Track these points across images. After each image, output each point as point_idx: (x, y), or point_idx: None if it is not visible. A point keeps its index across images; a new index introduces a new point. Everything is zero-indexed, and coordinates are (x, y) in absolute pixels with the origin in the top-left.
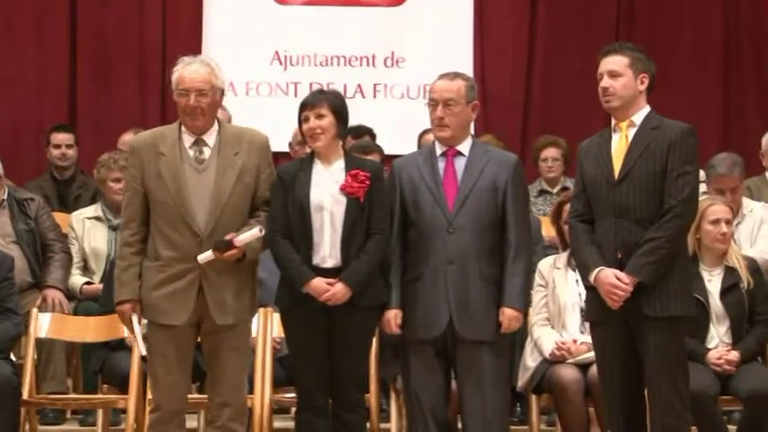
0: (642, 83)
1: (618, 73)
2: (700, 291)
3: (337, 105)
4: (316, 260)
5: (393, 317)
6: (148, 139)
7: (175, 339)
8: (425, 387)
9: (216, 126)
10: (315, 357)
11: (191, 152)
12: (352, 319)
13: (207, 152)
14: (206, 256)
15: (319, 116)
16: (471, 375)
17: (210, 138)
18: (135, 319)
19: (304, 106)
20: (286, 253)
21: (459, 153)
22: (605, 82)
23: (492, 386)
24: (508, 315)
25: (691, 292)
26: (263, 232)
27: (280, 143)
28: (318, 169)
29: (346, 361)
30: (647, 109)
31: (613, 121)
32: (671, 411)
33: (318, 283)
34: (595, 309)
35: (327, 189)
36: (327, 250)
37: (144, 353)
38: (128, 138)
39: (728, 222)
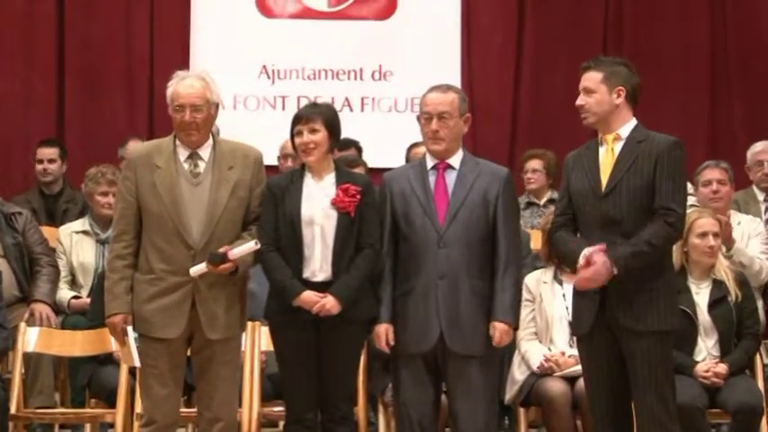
0: (618, 96)
1: (591, 89)
2: (688, 304)
3: (330, 120)
4: (306, 274)
5: (384, 332)
6: (143, 152)
7: (168, 352)
8: (415, 400)
9: (210, 140)
10: (304, 370)
11: (185, 165)
12: (342, 332)
13: (202, 166)
14: (198, 268)
15: (313, 131)
16: (462, 389)
17: (205, 152)
18: (130, 329)
19: (298, 120)
20: (276, 266)
21: (450, 166)
22: (580, 99)
23: (483, 400)
24: (499, 329)
25: (677, 306)
26: (259, 245)
27: (268, 157)
28: (309, 183)
29: (336, 374)
30: (633, 122)
31: (600, 134)
32: (658, 424)
33: (309, 295)
34: (582, 322)
35: (318, 203)
36: (318, 264)
37: (138, 364)
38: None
39: (716, 235)
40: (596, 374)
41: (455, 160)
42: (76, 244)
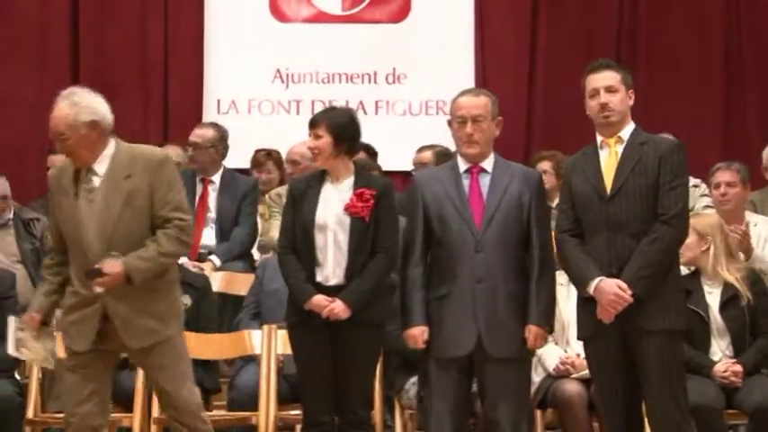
0: (630, 98)
1: (615, 88)
2: (699, 304)
3: (336, 125)
4: (319, 278)
5: (420, 333)
6: (57, 171)
7: (82, 362)
8: (449, 404)
9: (110, 150)
10: (319, 374)
11: (84, 182)
12: (357, 336)
13: (96, 181)
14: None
15: (317, 136)
16: (499, 392)
17: (101, 165)
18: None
19: (309, 124)
20: (291, 270)
21: (484, 170)
22: (605, 97)
23: (517, 402)
24: (534, 332)
25: (685, 306)
26: (119, 258)
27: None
28: (328, 187)
29: (352, 378)
30: (632, 125)
31: (599, 138)
32: (672, 424)
33: (319, 299)
34: (588, 325)
35: (333, 208)
36: (331, 269)
37: (11, 351)
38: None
39: (702, 237)
40: (606, 377)
41: (488, 163)
42: None
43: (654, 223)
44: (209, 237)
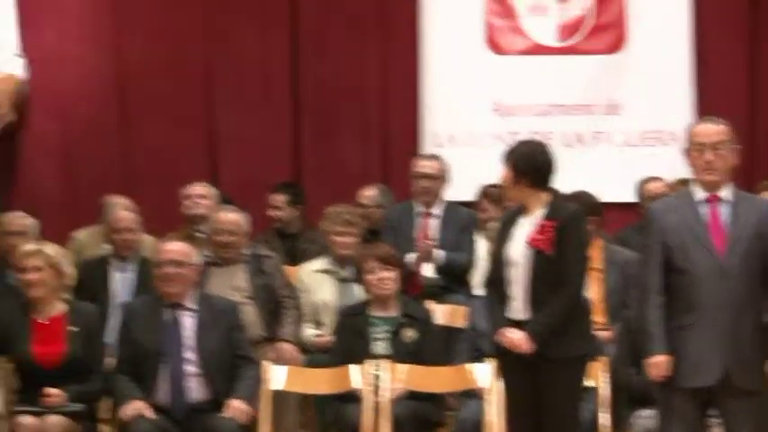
0: None
1: None
2: None
3: (516, 158)
4: (510, 313)
5: (664, 362)
6: None
7: None
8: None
9: None
10: (521, 408)
11: None
12: (552, 374)
13: None
14: None
15: (505, 169)
16: (742, 426)
17: None
18: None
19: None
20: (490, 303)
21: (721, 199)
22: None
23: None
24: None
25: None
26: None
27: None
28: (521, 221)
29: (550, 418)
30: None
31: None
32: None
33: (502, 332)
34: None
35: (519, 242)
36: (520, 304)
37: None
38: (369, 193)
39: None
40: None
41: (726, 193)
42: (317, 283)
43: None
44: (428, 270)
